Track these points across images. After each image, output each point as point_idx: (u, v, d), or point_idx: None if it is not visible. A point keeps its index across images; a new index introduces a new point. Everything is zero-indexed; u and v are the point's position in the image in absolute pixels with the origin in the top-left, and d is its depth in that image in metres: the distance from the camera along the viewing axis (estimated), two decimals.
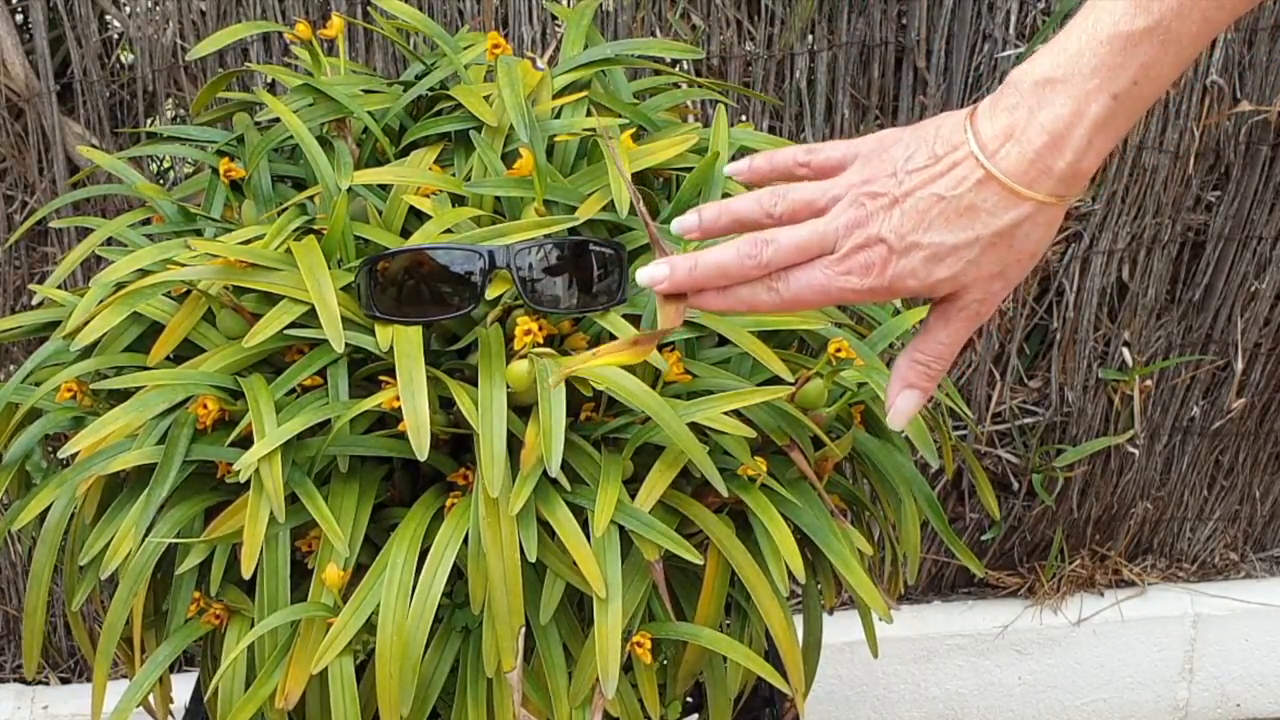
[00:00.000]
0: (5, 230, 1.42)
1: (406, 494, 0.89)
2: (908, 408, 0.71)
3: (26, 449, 0.90)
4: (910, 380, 0.70)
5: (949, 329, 0.69)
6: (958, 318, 0.68)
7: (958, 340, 0.69)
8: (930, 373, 0.70)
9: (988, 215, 0.65)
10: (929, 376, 0.70)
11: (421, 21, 1.06)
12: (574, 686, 0.82)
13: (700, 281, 0.69)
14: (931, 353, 0.70)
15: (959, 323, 0.69)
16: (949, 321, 0.69)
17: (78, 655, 1.61)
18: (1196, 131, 1.55)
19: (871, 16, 1.45)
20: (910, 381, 0.70)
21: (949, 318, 0.69)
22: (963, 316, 0.68)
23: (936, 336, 0.69)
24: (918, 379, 0.70)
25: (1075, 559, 1.77)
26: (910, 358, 0.70)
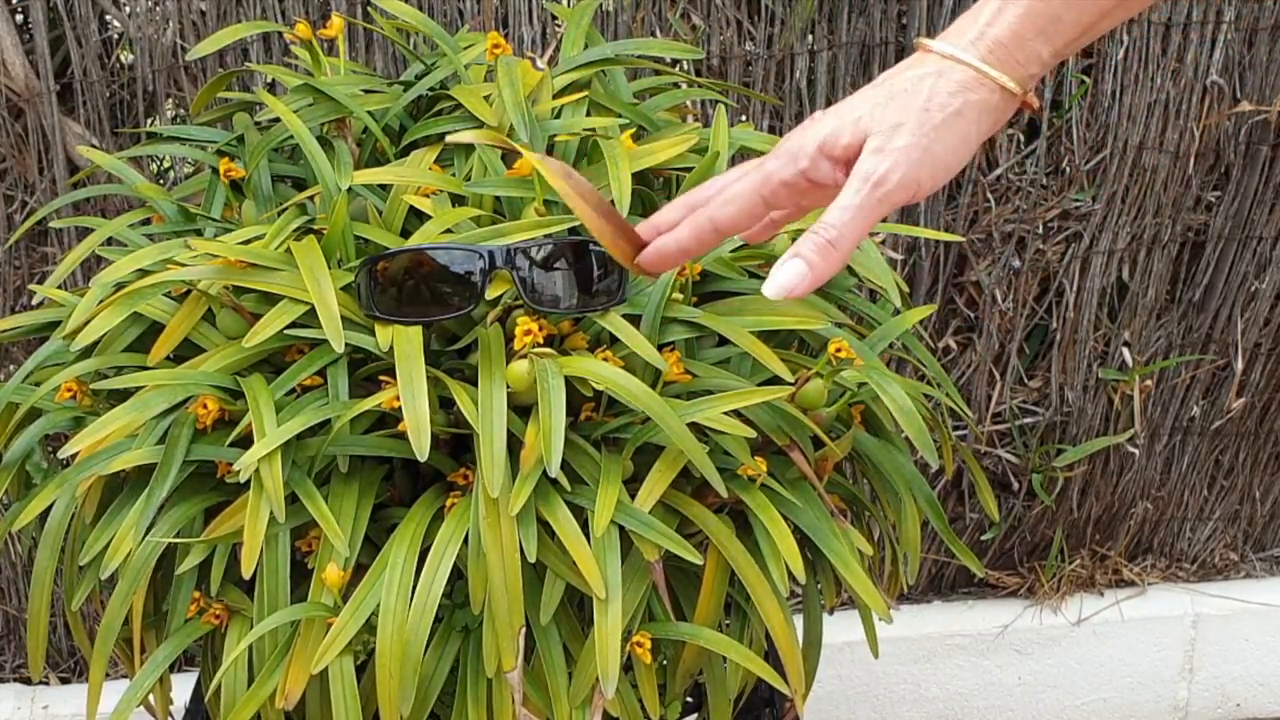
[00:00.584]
0: (5, 230, 1.42)
1: (406, 494, 0.89)
2: (785, 279, 0.66)
3: (26, 449, 0.90)
4: (800, 249, 0.66)
5: (847, 193, 0.66)
6: (855, 176, 0.66)
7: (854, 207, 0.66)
8: (818, 241, 0.66)
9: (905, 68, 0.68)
10: (817, 246, 0.66)
11: (421, 21, 1.06)
12: (574, 686, 0.82)
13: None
14: (829, 219, 0.66)
15: (855, 182, 0.66)
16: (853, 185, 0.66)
17: (78, 655, 1.61)
18: (1196, 131, 1.55)
19: (871, 16, 1.45)
20: (800, 250, 0.66)
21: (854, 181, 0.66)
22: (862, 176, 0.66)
23: (840, 201, 0.66)
24: (807, 248, 0.66)
25: (1075, 559, 1.77)
26: (810, 229, 0.66)
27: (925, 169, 0.66)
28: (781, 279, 0.66)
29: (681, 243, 0.71)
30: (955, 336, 1.63)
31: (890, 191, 0.65)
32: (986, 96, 0.66)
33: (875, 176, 0.65)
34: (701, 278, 0.90)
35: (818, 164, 0.68)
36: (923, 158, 0.66)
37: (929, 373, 1.01)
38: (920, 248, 1.56)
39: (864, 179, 0.66)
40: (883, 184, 0.65)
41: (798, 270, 0.66)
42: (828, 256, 0.66)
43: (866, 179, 0.66)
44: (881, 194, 0.65)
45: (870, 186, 0.66)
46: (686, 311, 0.87)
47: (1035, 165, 1.54)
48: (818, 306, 0.91)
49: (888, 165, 0.65)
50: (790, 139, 0.69)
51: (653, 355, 0.83)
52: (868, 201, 0.66)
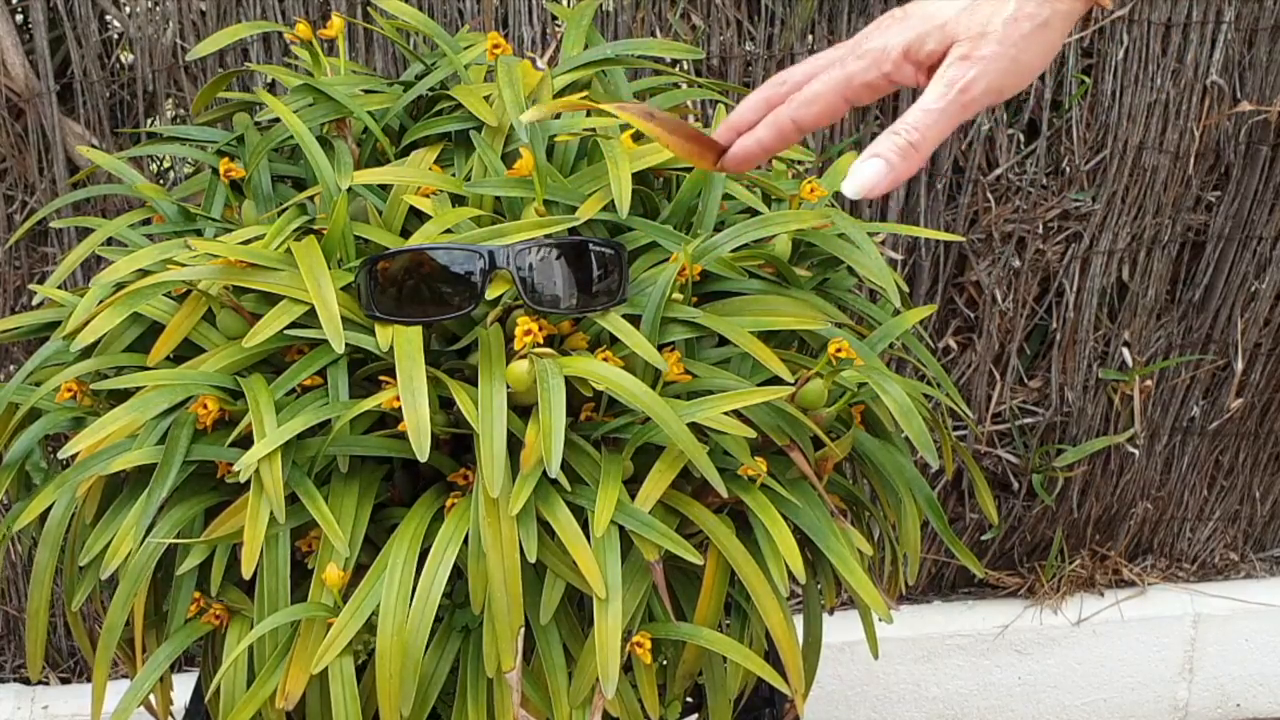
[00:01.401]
0: (5, 230, 1.42)
1: (406, 494, 0.89)
2: (866, 177, 0.67)
3: (26, 449, 0.90)
4: (879, 149, 0.67)
5: (931, 96, 0.67)
6: (940, 81, 0.67)
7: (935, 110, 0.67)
8: (900, 143, 0.67)
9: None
10: (898, 148, 0.67)
11: (421, 21, 1.06)
12: (574, 686, 0.82)
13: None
14: (911, 120, 0.67)
15: (940, 86, 0.67)
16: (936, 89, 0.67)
17: (78, 655, 1.61)
18: (1196, 131, 1.55)
19: (871, 16, 1.45)
20: (879, 150, 0.67)
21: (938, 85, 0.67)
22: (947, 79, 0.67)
23: (922, 102, 0.67)
24: (886, 148, 0.67)
25: (1075, 559, 1.77)
26: (890, 130, 0.68)
27: (1011, 77, 0.66)
28: (863, 177, 0.67)
29: (763, 142, 0.73)
30: (955, 336, 1.63)
31: (975, 98, 0.67)
32: (1071, 5, 0.67)
33: (962, 82, 0.66)
34: (701, 278, 0.90)
35: (901, 68, 0.68)
36: (1010, 66, 0.66)
37: (929, 373, 1.01)
38: (920, 248, 1.56)
39: (949, 84, 0.66)
40: (968, 90, 0.66)
41: (878, 169, 0.67)
42: (909, 157, 0.67)
43: (952, 84, 0.66)
44: (966, 100, 0.67)
45: (956, 92, 0.67)
46: (686, 311, 0.87)
47: (1035, 165, 1.54)
48: (818, 307, 0.91)
49: (975, 73, 0.66)
50: (871, 39, 0.69)
51: (653, 355, 0.83)
52: (952, 106, 0.67)
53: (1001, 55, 0.66)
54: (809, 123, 0.72)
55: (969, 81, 0.66)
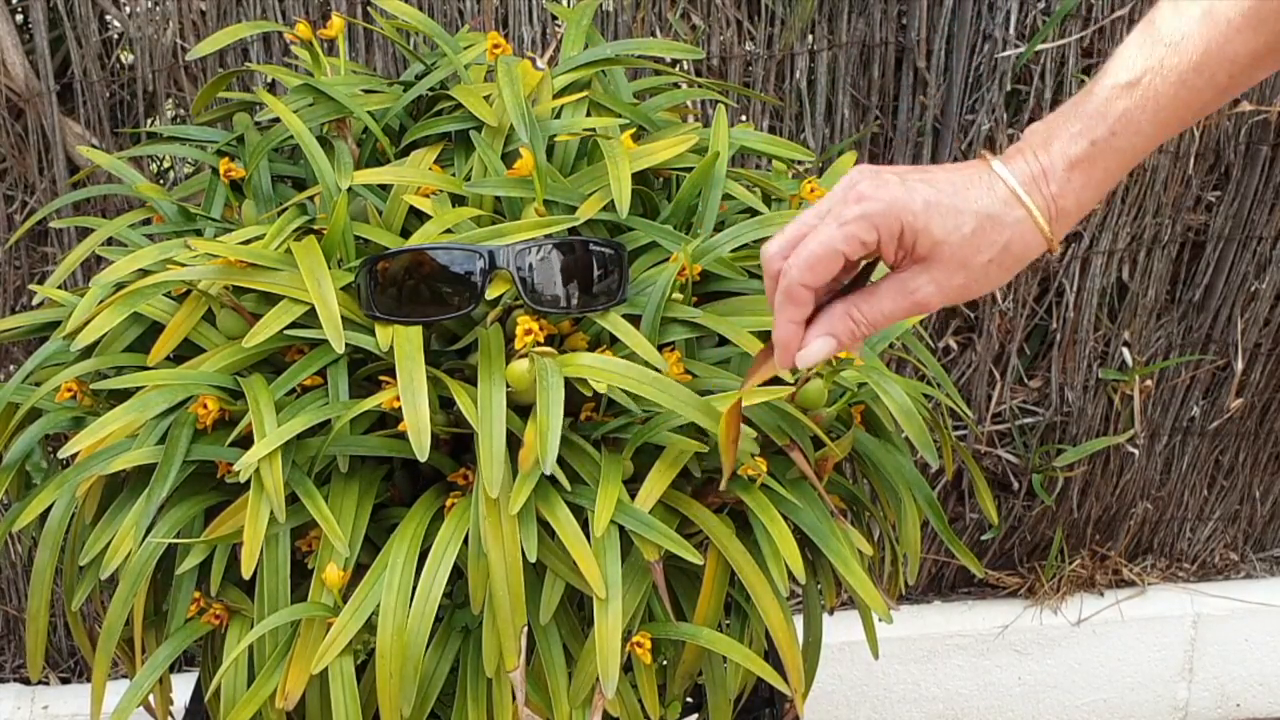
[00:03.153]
0: (5, 230, 1.42)
1: (406, 494, 0.89)
2: (820, 352, 0.73)
3: (26, 449, 0.90)
4: (836, 330, 0.73)
5: (894, 302, 0.72)
6: (908, 296, 0.72)
7: (895, 317, 0.73)
8: (857, 333, 0.73)
9: (988, 195, 0.71)
10: (854, 336, 0.73)
11: (421, 21, 1.06)
12: (574, 686, 0.82)
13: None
14: (869, 316, 0.73)
15: (905, 301, 0.72)
16: (897, 296, 0.72)
17: (78, 655, 1.61)
18: (1196, 131, 1.55)
19: (871, 16, 1.45)
20: (835, 331, 0.73)
21: (900, 292, 0.72)
22: (912, 296, 0.72)
23: (880, 304, 0.73)
24: (843, 332, 0.73)
25: (1075, 559, 1.77)
26: (847, 309, 0.73)
27: (963, 299, 0.73)
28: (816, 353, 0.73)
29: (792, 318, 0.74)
30: (955, 336, 1.63)
31: (927, 309, 0.73)
32: (1034, 256, 0.73)
33: (923, 305, 0.72)
34: (701, 278, 0.90)
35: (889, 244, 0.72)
36: (965, 294, 0.73)
37: (929, 373, 1.01)
38: None
39: (912, 301, 0.72)
40: (923, 306, 0.73)
41: (830, 347, 0.73)
42: (854, 343, 0.74)
43: (915, 302, 0.72)
44: (918, 310, 0.73)
45: (914, 307, 0.73)
46: (686, 311, 0.87)
47: None
48: None
49: (936, 299, 0.72)
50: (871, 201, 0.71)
51: (653, 355, 0.83)
52: (904, 313, 0.73)
53: (965, 287, 0.72)
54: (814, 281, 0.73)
55: (928, 300, 0.72)
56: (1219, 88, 0.70)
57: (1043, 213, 0.71)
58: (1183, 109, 0.70)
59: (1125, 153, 0.71)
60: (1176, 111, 0.70)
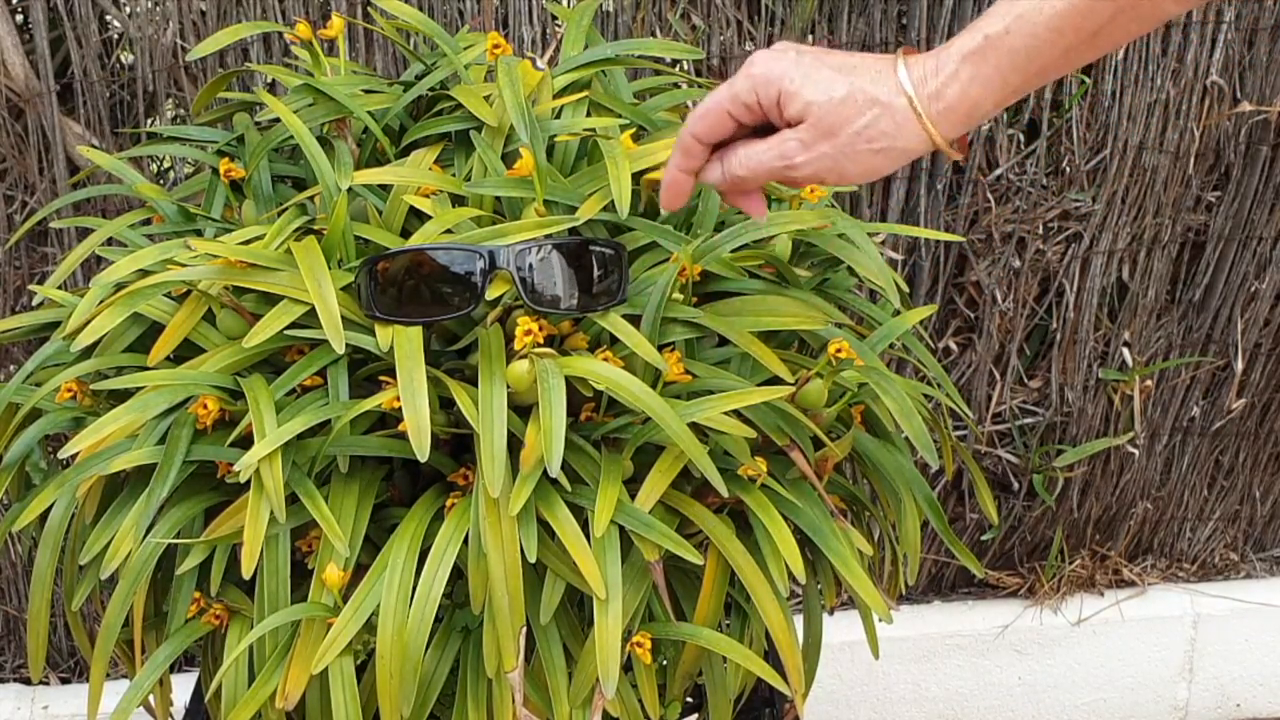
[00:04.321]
0: (5, 230, 1.42)
1: (406, 494, 0.89)
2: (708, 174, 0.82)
3: (26, 449, 0.90)
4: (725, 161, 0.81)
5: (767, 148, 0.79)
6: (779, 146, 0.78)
7: (765, 161, 0.79)
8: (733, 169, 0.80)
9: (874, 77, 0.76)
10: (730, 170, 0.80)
11: (421, 21, 1.06)
12: (574, 686, 0.82)
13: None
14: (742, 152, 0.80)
15: (775, 150, 0.78)
16: (771, 143, 0.78)
17: (78, 655, 1.61)
18: (1196, 131, 1.55)
19: (871, 16, 1.45)
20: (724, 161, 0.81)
21: (775, 141, 0.78)
22: (782, 147, 0.78)
23: (755, 148, 0.79)
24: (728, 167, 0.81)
25: (1075, 559, 1.77)
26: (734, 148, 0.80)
27: (831, 175, 0.78)
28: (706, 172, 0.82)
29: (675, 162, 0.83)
30: (955, 336, 1.63)
31: (796, 175, 0.79)
32: (916, 146, 0.77)
33: (788, 158, 0.78)
34: (701, 278, 0.90)
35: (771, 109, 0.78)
36: (833, 168, 0.78)
37: (929, 373, 1.01)
38: (920, 248, 1.56)
39: (780, 154, 0.78)
40: (792, 169, 0.78)
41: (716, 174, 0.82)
42: (735, 184, 0.81)
43: (782, 155, 0.78)
44: (787, 171, 0.79)
45: (780, 159, 0.78)
46: (686, 311, 0.87)
47: (1035, 165, 1.54)
48: (818, 307, 0.91)
49: (801, 158, 0.78)
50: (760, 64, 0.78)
51: (653, 355, 0.83)
52: (774, 169, 0.79)
53: (832, 158, 0.77)
54: (703, 134, 0.81)
55: (795, 164, 0.78)
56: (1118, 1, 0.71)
57: (922, 99, 0.75)
58: (1079, 17, 0.71)
59: (1018, 54, 0.73)
60: (1072, 18, 0.71)
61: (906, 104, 0.75)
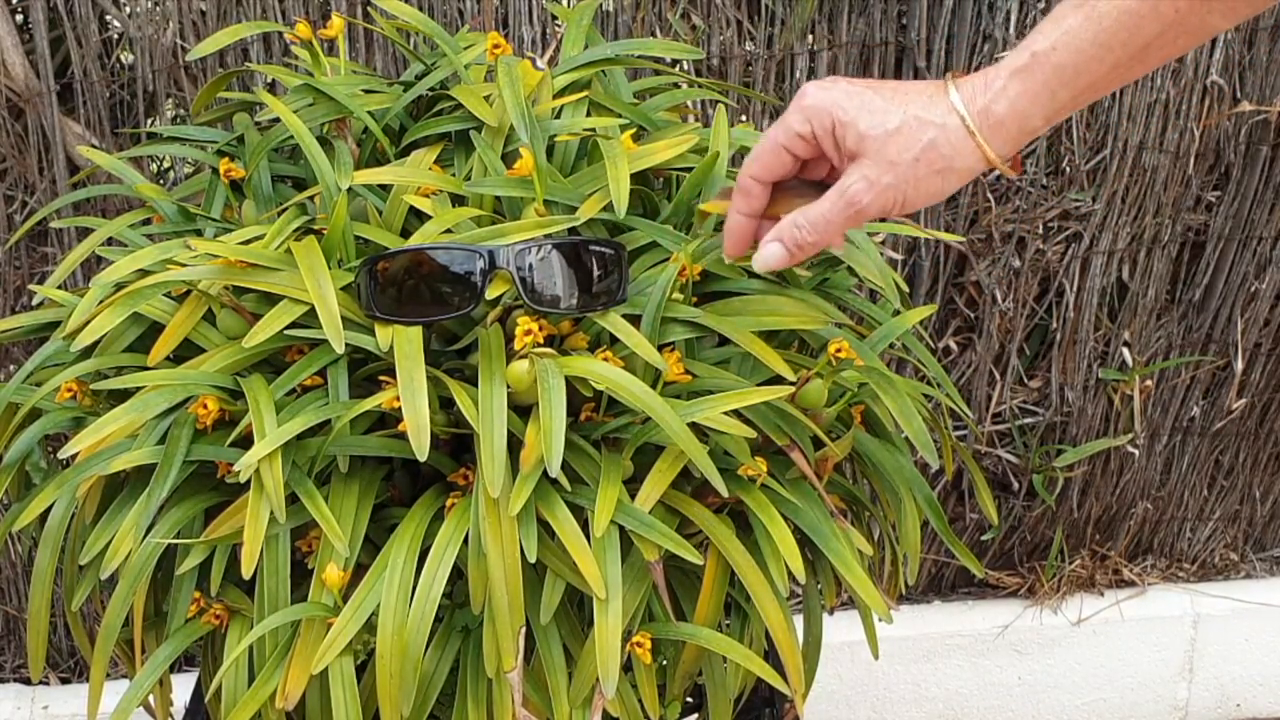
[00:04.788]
0: (5, 230, 1.42)
1: (406, 494, 0.89)
2: (771, 256, 0.82)
3: (26, 449, 0.90)
4: (783, 235, 0.81)
5: (830, 203, 0.79)
6: (842, 195, 0.78)
7: (834, 218, 0.79)
8: (800, 238, 0.80)
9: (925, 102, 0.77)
10: (798, 241, 0.81)
11: (421, 21, 1.06)
12: (574, 686, 0.82)
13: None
14: (810, 218, 0.80)
15: (840, 201, 0.79)
16: (833, 196, 0.79)
17: (78, 655, 1.61)
18: (1196, 131, 1.55)
19: (871, 16, 1.45)
20: (781, 236, 0.81)
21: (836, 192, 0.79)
22: (846, 195, 0.78)
23: (820, 207, 0.79)
24: (788, 236, 0.81)
25: (1075, 559, 1.77)
26: (793, 218, 0.81)
27: (898, 206, 0.78)
28: (769, 257, 0.82)
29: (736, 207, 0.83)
30: (955, 336, 1.63)
31: (864, 215, 0.79)
32: (972, 165, 0.77)
33: (856, 202, 0.78)
34: (701, 278, 0.90)
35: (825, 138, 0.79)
36: (899, 197, 0.78)
37: (929, 373, 1.01)
38: (920, 248, 1.56)
39: (847, 201, 0.78)
40: (860, 208, 0.78)
41: (779, 254, 0.82)
42: (803, 250, 0.81)
43: (849, 202, 0.78)
44: (856, 214, 0.79)
45: (848, 206, 0.79)
46: (686, 311, 0.87)
47: (1035, 165, 1.54)
48: (818, 307, 0.91)
49: (869, 198, 0.78)
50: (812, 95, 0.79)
51: (653, 355, 0.83)
52: (843, 217, 0.79)
53: (896, 189, 0.77)
54: (760, 173, 0.82)
55: (863, 204, 0.78)
56: (1163, 18, 0.71)
57: (973, 116, 0.75)
58: (1125, 33, 0.72)
59: (1065, 70, 0.74)
60: (1118, 34, 0.72)
61: (959, 123, 0.76)
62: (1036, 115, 0.75)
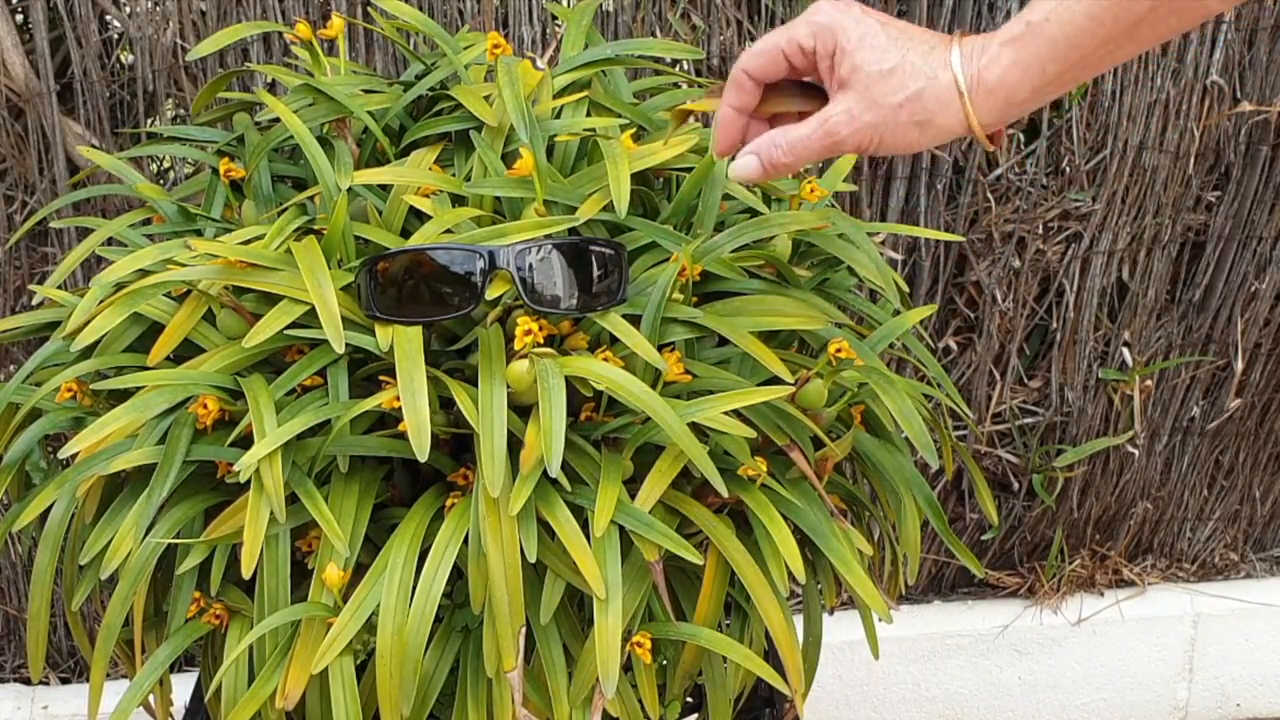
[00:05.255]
0: (5, 230, 1.42)
1: (406, 494, 0.89)
2: (745, 168, 0.82)
3: (26, 449, 0.90)
4: (760, 149, 0.81)
5: (810, 128, 0.80)
6: (822, 123, 0.79)
7: (811, 143, 0.80)
8: (775, 156, 0.81)
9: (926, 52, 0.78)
10: (773, 159, 0.81)
11: (421, 21, 1.06)
12: (574, 686, 0.82)
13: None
14: (788, 138, 0.80)
15: (819, 128, 0.79)
16: (814, 122, 0.80)
17: (78, 655, 1.61)
18: (1196, 131, 1.55)
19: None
20: (759, 149, 0.81)
21: (817, 120, 0.80)
22: (826, 124, 0.79)
23: (799, 130, 0.80)
24: (764, 151, 0.81)
25: (1075, 559, 1.77)
26: (772, 135, 0.81)
27: (872, 146, 0.80)
28: (741, 169, 0.82)
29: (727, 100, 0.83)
30: (955, 336, 1.63)
31: (840, 147, 0.80)
32: (953, 125, 0.78)
33: (834, 133, 0.79)
34: (701, 278, 0.90)
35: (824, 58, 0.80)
36: (875, 138, 0.79)
37: (929, 373, 1.01)
38: (920, 248, 1.56)
39: (826, 131, 0.79)
40: (837, 140, 0.79)
41: (754, 166, 0.82)
42: (777, 169, 0.82)
43: (827, 132, 0.79)
44: (832, 144, 0.80)
45: (826, 135, 0.79)
46: (686, 311, 0.87)
47: (1035, 165, 1.54)
48: (818, 307, 0.91)
49: (847, 131, 0.79)
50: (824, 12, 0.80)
51: (653, 355, 0.83)
52: (820, 145, 0.80)
53: (874, 129, 0.79)
54: (755, 70, 0.82)
55: (840, 135, 0.79)
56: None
57: (966, 78, 0.76)
58: (1116, 7, 0.72)
59: (1057, 42, 0.74)
60: (1110, 8, 0.73)
61: (951, 81, 0.76)
62: (1024, 88, 0.76)
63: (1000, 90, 0.76)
